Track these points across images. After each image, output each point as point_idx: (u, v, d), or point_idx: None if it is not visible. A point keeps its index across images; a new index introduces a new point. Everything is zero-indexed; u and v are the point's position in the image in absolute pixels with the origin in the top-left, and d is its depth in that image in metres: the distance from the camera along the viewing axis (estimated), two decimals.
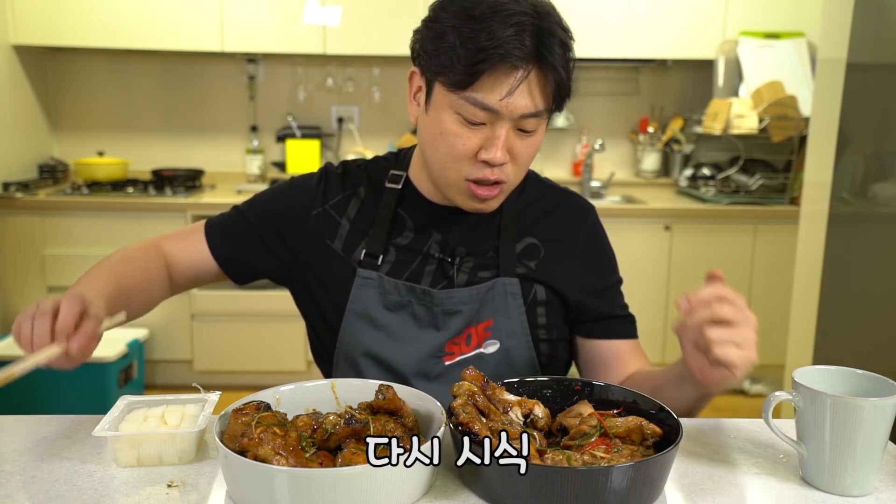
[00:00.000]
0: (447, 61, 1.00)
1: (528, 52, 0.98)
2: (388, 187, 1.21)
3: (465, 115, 1.02)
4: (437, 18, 1.03)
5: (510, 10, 0.98)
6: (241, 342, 3.49)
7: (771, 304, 3.49)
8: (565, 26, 1.04)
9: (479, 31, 0.97)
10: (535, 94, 1.01)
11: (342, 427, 0.83)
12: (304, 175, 1.27)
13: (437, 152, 1.08)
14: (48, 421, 1.00)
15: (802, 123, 3.46)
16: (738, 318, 0.88)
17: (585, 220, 1.25)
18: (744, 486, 0.88)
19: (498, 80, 0.99)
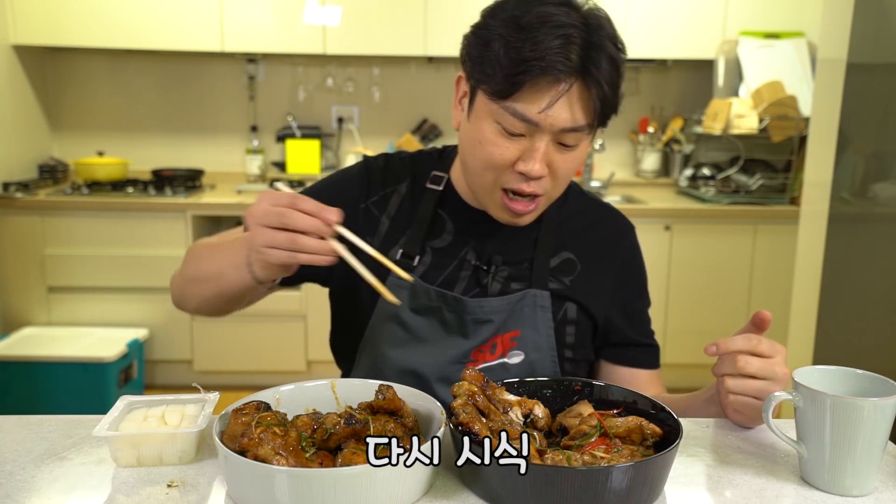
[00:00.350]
0: (490, 69, 0.99)
1: (572, 65, 0.96)
2: (429, 188, 1.19)
3: (505, 125, 1.01)
4: (485, 25, 1.02)
5: (558, 21, 0.96)
6: (241, 342, 3.49)
7: (771, 304, 3.49)
8: (618, 41, 1.01)
9: (524, 41, 0.96)
10: (576, 109, 0.99)
11: (342, 427, 0.83)
12: (345, 170, 1.25)
13: (475, 160, 1.07)
14: (48, 421, 1.00)
15: (802, 123, 3.46)
16: (765, 371, 0.94)
17: (625, 239, 1.24)
18: (744, 486, 0.88)
19: (539, 91, 0.97)
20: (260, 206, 0.91)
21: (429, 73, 3.99)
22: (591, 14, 1.01)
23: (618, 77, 1.01)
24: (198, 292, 1.12)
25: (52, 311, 3.43)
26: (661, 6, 3.61)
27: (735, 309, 3.56)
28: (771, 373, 0.95)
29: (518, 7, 0.99)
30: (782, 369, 0.95)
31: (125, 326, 3.40)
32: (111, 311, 3.44)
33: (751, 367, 0.94)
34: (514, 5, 1.00)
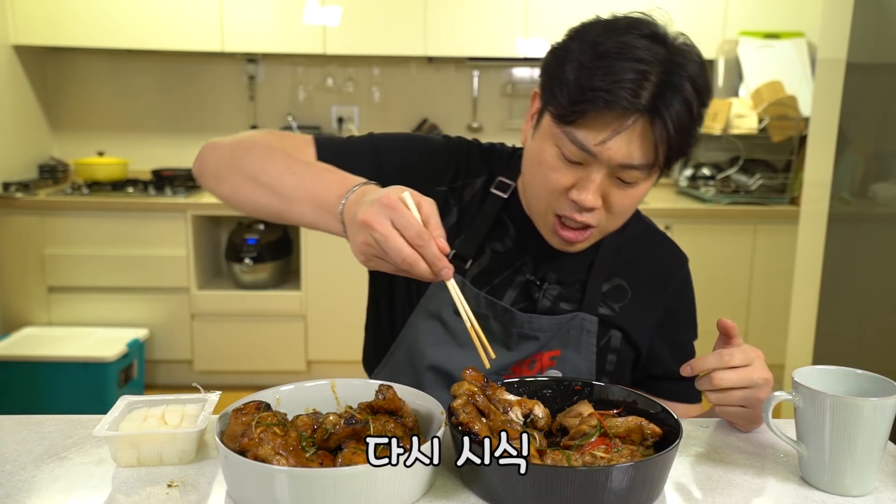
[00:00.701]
0: (558, 91, 0.96)
1: (640, 101, 0.93)
2: (494, 193, 1.16)
3: (564, 150, 0.99)
4: (565, 47, 1.00)
5: (638, 55, 0.93)
6: (241, 342, 3.49)
7: (771, 304, 3.49)
8: (699, 84, 0.96)
9: (597, 69, 0.93)
10: (637, 146, 0.96)
11: (342, 427, 0.83)
12: (433, 141, 1.19)
13: (532, 180, 1.05)
14: (48, 421, 1.00)
15: (802, 123, 3.46)
16: (743, 380, 0.94)
17: (679, 271, 1.22)
18: (744, 486, 0.88)
19: (601, 123, 0.95)
20: (381, 220, 0.83)
21: (429, 73, 3.98)
22: (679, 51, 0.97)
23: (690, 121, 0.96)
24: (249, 191, 1.01)
25: (52, 311, 3.43)
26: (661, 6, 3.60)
27: (735, 309, 3.56)
28: (748, 381, 0.95)
29: (602, 33, 0.96)
30: (760, 374, 0.95)
31: (125, 326, 3.40)
32: (111, 311, 3.44)
33: (726, 382, 0.95)
34: (599, 31, 0.97)
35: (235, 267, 3.52)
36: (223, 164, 1.05)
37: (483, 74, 3.98)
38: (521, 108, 4.02)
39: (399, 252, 0.82)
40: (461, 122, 4.03)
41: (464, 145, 1.19)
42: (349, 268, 3.48)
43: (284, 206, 0.97)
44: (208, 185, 1.08)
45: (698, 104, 0.96)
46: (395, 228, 0.83)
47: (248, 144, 1.04)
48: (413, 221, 0.83)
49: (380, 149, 1.14)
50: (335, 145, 1.14)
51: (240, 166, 1.02)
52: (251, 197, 1.01)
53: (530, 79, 4.01)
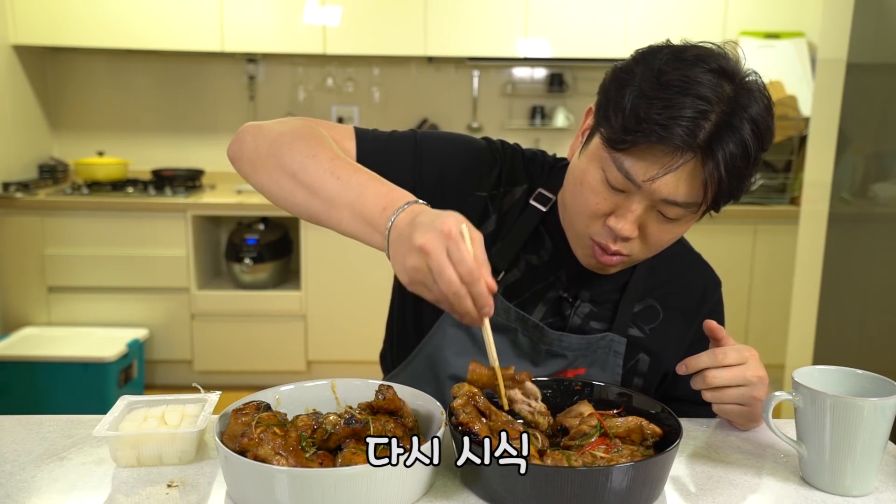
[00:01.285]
0: (613, 115, 0.93)
1: (695, 141, 0.89)
2: (532, 205, 1.12)
3: (609, 175, 0.96)
4: (628, 69, 0.95)
5: (702, 92, 0.89)
6: (241, 342, 3.49)
7: (771, 304, 3.49)
8: (761, 127, 0.92)
9: (657, 100, 0.89)
10: (684, 184, 0.92)
11: (342, 427, 0.83)
12: (475, 143, 1.16)
13: (572, 199, 1.03)
14: (48, 421, 1.00)
15: (802, 123, 3.46)
16: (736, 379, 0.95)
17: (713, 296, 1.20)
18: (744, 486, 0.88)
19: (652, 156, 0.91)
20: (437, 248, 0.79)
21: (429, 73, 3.98)
22: (746, 90, 0.93)
23: (744, 164, 0.91)
24: (287, 188, 0.96)
25: (52, 311, 3.43)
26: (661, 6, 3.60)
27: (735, 309, 3.55)
28: (742, 379, 0.95)
29: (668, 62, 0.92)
30: (754, 372, 0.95)
31: (125, 326, 3.40)
32: (111, 311, 3.44)
33: (720, 381, 0.95)
34: (666, 59, 0.93)
35: (235, 267, 3.52)
36: (263, 153, 0.99)
37: (483, 74, 3.99)
38: (521, 108, 4.03)
39: (451, 285, 0.80)
40: (461, 122, 4.03)
41: (507, 151, 1.16)
42: (349, 268, 3.49)
43: (323, 210, 0.92)
44: (243, 171, 1.03)
45: (756, 147, 0.92)
46: (449, 260, 0.80)
47: (291, 137, 0.99)
48: (467, 256, 0.80)
49: (422, 150, 1.11)
50: (377, 140, 1.10)
51: (280, 160, 0.97)
52: (287, 194, 0.96)
53: (530, 79, 4.01)
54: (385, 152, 1.09)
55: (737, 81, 0.93)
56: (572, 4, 3.54)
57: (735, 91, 0.92)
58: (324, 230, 1.02)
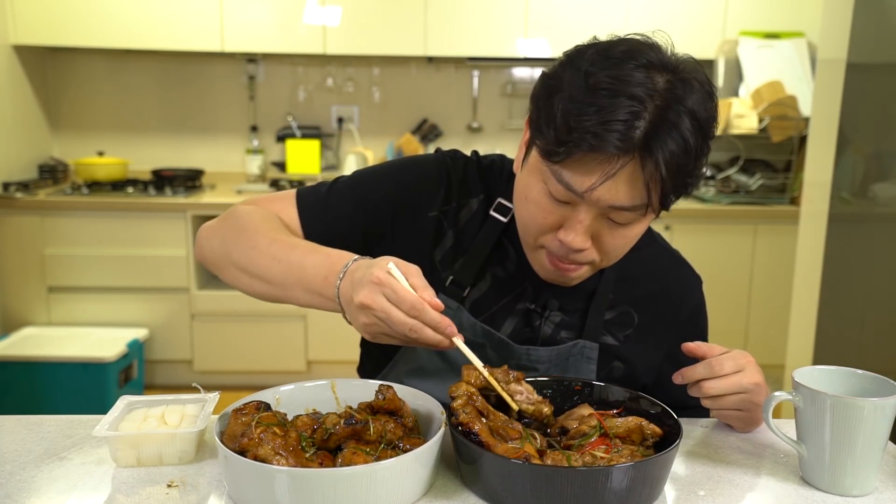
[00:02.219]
0: (545, 126, 0.89)
1: (631, 142, 0.85)
2: (493, 216, 1.10)
3: (550, 188, 0.93)
4: (555, 75, 0.92)
5: (633, 91, 0.85)
6: (241, 342, 3.49)
7: (771, 304, 3.49)
8: (701, 116, 0.88)
9: (587, 105, 0.85)
10: (627, 189, 0.88)
11: (342, 427, 0.83)
12: (422, 164, 1.13)
13: (520, 215, 1.01)
14: (48, 421, 1.00)
15: (802, 123, 3.46)
16: (733, 386, 0.94)
17: (692, 298, 1.16)
18: (744, 486, 0.88)
19: (589, 165, 0.87)
20: (377, 298, 0.84)
21: (429, 73, 3.98)
22: (680, 80, 0.88)
23: (686, 160, 0.87)
24: (246, 282, 1.02)
25: (52, 311, 3.43)
26: (661, 6, 3.61)
27: (735, 309, 3.56)
28: (739, 387, 0.94)
29: (596, 62, 0.88)
30: (750, 379, 0.94)
31: (125, 326, 3.40)
32: (111, 311, 3.44)
33: (716, 391, 0.94)
34: (593, 59, 0.89)
35: None
36: (218, 255, 1.06)
37: (483, 74, 3.99)
38: (521, 108, 4.02)
39: (402, 325, 0.84)
40: (461, 122, 4.03)
41: (458, 163, 1.13)
42: None
43: (281, 294, 0.98)
44: (213, 272, 1.09)
45: (698, 140, 0.88)
46: (391, 304, 0.84)
47: (234, 233, 1.03)
48: (405, 294, 0.84)
49: (362, 193, 1.10)
50: (317, 197, 1.11)
51: (231, 258, 1.03)
52: (248, 287, 1.02)
53: (530, 79, 4.01)
54: (327, 206, 1.10)
55: (669, 72, 0.88)
56: (572, 4, 3.54)
57: (669, 83, 0.87)
58: None
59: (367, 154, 3.83)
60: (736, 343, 3.52)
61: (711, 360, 0.95)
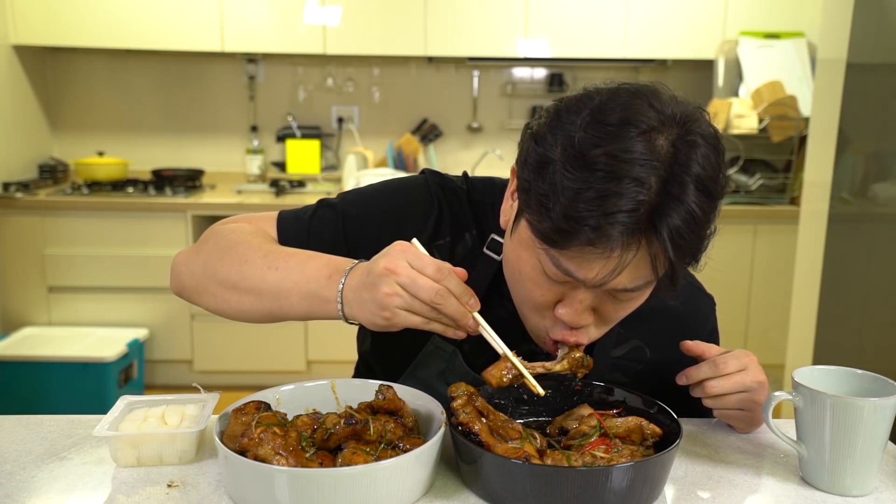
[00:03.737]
0: (536, 206, 0.81)
1: (636, 229, 0.77)
2: (487, 254, 1.03)
3: (546, 268, 0.85)
4: (544, 139, 0.82)
5: (636, 174, 0.76)
6: (241, 342, 3.48)
7: (771, 304, 3.49)
8: (708, 183, 0.79)
9: (584, 190, 0.76)
10: (634, 272, 0.81)
11: (342, 427, 0.83)
12: (411, 188, 1.07)
13: (513, 290, 0.94)
14: (48, 421, 1.00)
15: (802, 123, 3.46)
16: (736, 386, 0.93)
17: (707, 325, 1.11)
18: (744, 486, 0.88)
19: (590, 255, 0.80)
20: (402, 264, 0.80)
21: (429, 73, 3.98)
22: (685, 140, 0.79)
23: (695, 230, 0.79)
24: (233, 300, 0.95)
25: (52, 311, 3.43)
26: (661, 6, 3.60)
27: (735, 309, 3.56)
28: (742, 386, 0.94)
29: (590, 134, 0.78)
30: (753, 378, 0.94)
31: (125, 326, 3.40)
32: (111, 311, 3.44)
33: (719, 390, 0.94)
34: (587, 125, 0.79)
35: None
36: (200, 278, 0.99)
37: (483, 74, 3.98)
38: (521, 108, 4.02)
39: (429, 289, 0.79)
40: (461, 122, 4.03)
41: (448, 194, 1.06)
42: None
43: (273, 305, 0.92)
44: (192, 300, 1.02)
45: (706, 204, 0.80)
46: (415, 270, 0.80)
47: (218, 252, 0.98)
48: (428, 259, 0.81)
49: (344, 218, 1.05)
50: (299, 221, 1.06)
51: (217, 277, 0.96)
52: (236, 306, 0.96)
53: (530, 79, 4.01)
54: (308, 233, 1.05)
55: (673, 126, 0.80)
56: (572, 4, 3.54)
57: (673, 146, 0.78)
58: None
59: (367, 154, 3.82)
60: (736, 343, 3.52)
61: (715, 359, 0.95)
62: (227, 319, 1.01)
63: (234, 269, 0.95)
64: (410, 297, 0.80)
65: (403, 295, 0.80)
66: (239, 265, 0.94)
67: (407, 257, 0.81)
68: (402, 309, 0.81)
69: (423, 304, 0.81)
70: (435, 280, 0.80)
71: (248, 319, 0.97)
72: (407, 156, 3.86)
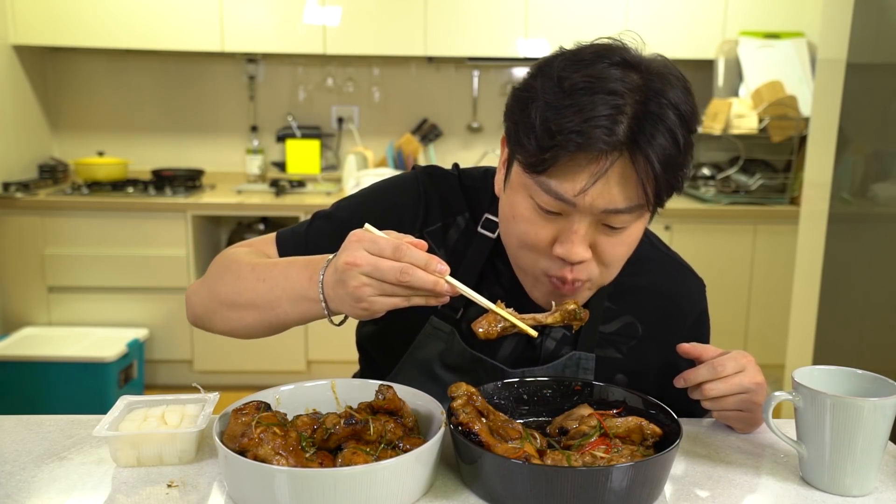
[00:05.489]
0: (525, 138, 0.86)
1: (618, 139, 0.82)
2: (482, 233, 1.06)
3: (539, 201, 0.89)
4: (527, 87, 0.90)
5: (611, 86, 0.83)
6: (240, 342, 3.46)
7: (771, 304, 3.49)
8: (684, 110, 0.85)
9: (566, 108, 0.83)
10: (620, 189, 0.85)
11: (342, 427, 0.83)
12: (399, 184, 1.11)
13: (509, 238, 0.96)
14: (48, 421, 1.00)
15: (802, 123, 3.46)
16: (734, 387, 0.94)
17: (698, 305, 1.14)
18: (744, 486, 0.88)
19: (576, 168, 0.84)
20: (360, 254, 0.81)
21: (429, 73, 3.98)
22: (657, 74, 0.86)
23: (677, 152, 0.85)
24: (236, 318, 0.98)
25: (52, 311, 3.43)
26: (661, 6, 3.61)
27: (735, 309, 3.56)
28: (740, 387, 0.94)
29: (567, 66, 0.86)
30: (751, 379, 0.94)
31: (125, 326, 3.40)
32: (111, 311, 3.44)
33: (717, 392, 0.94)
34: (563, 64, 0.87)
35: None
36: (206, 301, 1.03)
37: (483, 74, 3.98)
38: None
39: (392, 270, 0.81)
40: (461, 122, 4.03)
41: (437, 181, 1.09)
42: None
43: (269, 315, 0.94)
44: (207, 328, 1.05)
45: (684, 132, 0.86)
46: (374, 255, 0.82)
47: (216, 276, 1.02)
48: (385, 241, 0.82)
49: (339, 223, 1.07)
50: (296, 237, 1.10)
51: (219, 298, 1.00)
52: (239, 322, 0.98)
53: None
54: (307, 245, 1.07)
55: (644, 69, 0.86)
56: (572, 4, 3.54)
57: (645, 79, 0.85)
58: None
59: (367, 154, 3.82)
60: (736, 343, 3.52)
61: (713, 361, 0.95)
62: None
63: (230, 288, 0.98)
64: (379, 283, 0.82)
65: (371, 283, 0.82)
66: (234, 283, 0.98)
67: (364, 245, 0.82)
68: (376, 296, 0.82)
69: (393, 286, 0.82)
70: (395, 259, 0.81)
71: (255, 335, 1.00)
72: (407, 156, 3.86)
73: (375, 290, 0.82)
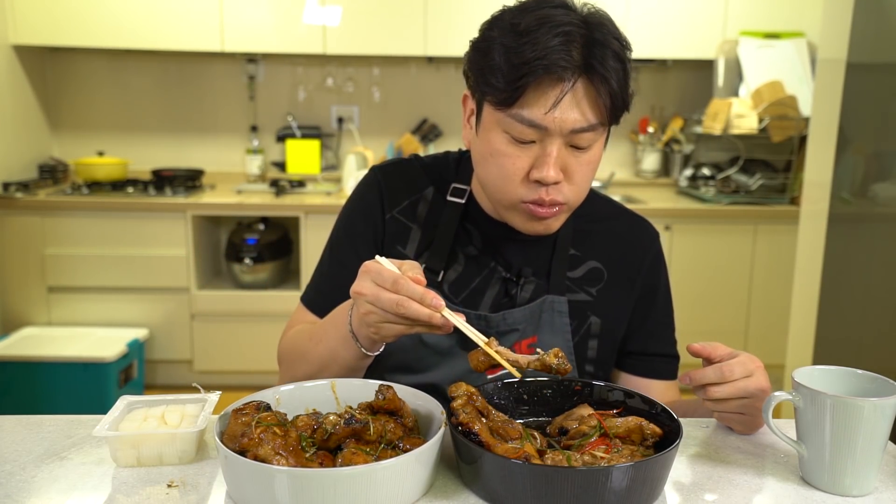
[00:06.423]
0: (492, 78, 0.98)
1: (574, 62, 0.96)
2: (451, 201, 1.17)
3: (514, 133, 1.00)
4: (484, 38, 1.02)
5: (558, 21, 0.96)
6: (241, 342, 3.48)
7: (771, 304, 3.49)
8: (621, 37, 1.01)
9: (524, 44, 0.95)
10: (584, 107, 0.98)
11: (342, 427, 0.83)
12: (359, 190, 1.23)
13: (488, 174, 1.06)
14: (48, 421, 1.00)
15: (802, 123, 3.46)
16: (739, 391, 0.94)
17: (652, 248, 1.23)
18: (744, 486, 0.88)
19: (543, 93, 0.97)
20: (366, 284, 0.90)
21: (429, 73, 3.98)
22: (592, 13, 1.01)
23: (625, 73, 0.99)
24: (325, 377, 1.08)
25: (52, 311, 3.43)
26: (661, 6, 3.61)
27: (735, 309, 3.56)
28: (744, 392, 0.94)
29: (516, 15, 0.99)
30: (757, 384, 0.94)
31: (125, 326, 3.40)
32: (111, 311, 3.44)
33: (721, 395, 0.94)
34: (512, 14, 1.00)
35: (235, 267, 3.52)
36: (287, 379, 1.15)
37: None
38: None
39: (390, 301, 0.88)
40: (461, 122, 4.02)
41: (392, 166, 1.21)
42: None
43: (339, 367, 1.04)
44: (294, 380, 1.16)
45: (626, 57, 1.00)
46: (377, 285, 0.89)
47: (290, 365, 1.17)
48: (387, 273, 0.89)
49: (339, 249, 1.20)
50: (315, 287, 1.22)
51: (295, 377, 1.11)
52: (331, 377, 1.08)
53: None
54: (329, 285, 1.19)
55: (580, 11, 1.00)
56: None
57: (583, 16, 0.99)
58: (324, 229, 1.06)
59: (367, 154, 3.82)
60: (736, 343, 3.52)
61: (722, 365, 0.95)
62: (226, 319, 1.07)
63: (305, 367, 1.09)
64: (382, 311, 0.89)
65: (376, 311, 0.90)
66: (305, 362, 1.09)
67: (370, 276, 0.91)
68: (382, 322, 0.91)
69: (393, 315, 0.89)
70: (393, 292, 0.88)
71: None
72: None
73: (380, 318, 0.90)
